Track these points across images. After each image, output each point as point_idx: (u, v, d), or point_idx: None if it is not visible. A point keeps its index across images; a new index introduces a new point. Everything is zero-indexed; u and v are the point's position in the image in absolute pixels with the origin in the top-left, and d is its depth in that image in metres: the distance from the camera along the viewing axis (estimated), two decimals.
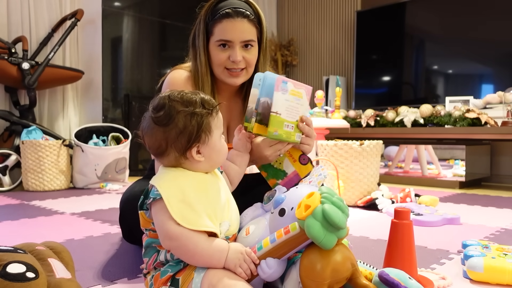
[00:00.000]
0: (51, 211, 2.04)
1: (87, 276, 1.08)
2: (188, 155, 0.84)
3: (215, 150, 0.87)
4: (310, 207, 0.74)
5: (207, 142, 0.85)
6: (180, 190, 0.81)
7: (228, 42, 1.15)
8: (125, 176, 3.09)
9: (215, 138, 0.87)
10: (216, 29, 1.16)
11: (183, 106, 0.83)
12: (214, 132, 0.86)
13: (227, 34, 1.14)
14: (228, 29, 1.14)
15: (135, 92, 3.94)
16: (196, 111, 0.83)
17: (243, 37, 1.15)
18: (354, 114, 3.58)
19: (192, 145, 0.83)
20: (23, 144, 2.73)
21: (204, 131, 0.84)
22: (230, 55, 1.15)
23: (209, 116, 0.85)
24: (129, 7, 3.96)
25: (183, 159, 0.84)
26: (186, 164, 0.85)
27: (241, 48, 1.16)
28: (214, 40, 1.17)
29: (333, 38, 4.54)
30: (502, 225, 1.73)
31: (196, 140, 0.83)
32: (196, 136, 0.83)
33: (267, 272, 0.77)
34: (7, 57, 2.74)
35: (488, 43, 3.45)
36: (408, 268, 0.92)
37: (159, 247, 0.84)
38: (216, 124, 0.87)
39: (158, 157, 0.87)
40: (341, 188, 2.15)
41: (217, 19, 1.15)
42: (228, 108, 1.31)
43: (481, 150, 3.27)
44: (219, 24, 1.15)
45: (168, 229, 0.78)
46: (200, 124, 0.83)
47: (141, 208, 0.86)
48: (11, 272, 0.74)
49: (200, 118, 0.83)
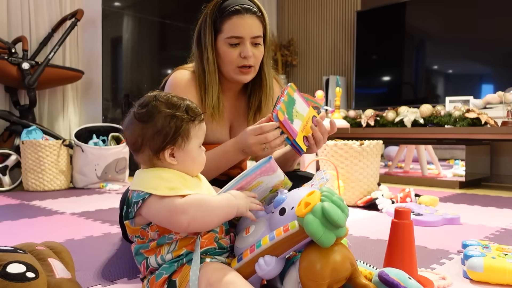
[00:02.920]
0: (51, 211, 2.04)
1: (87, 276, 1.08)
2: (161, 156, 0.84)
3: (190, 157, 0.86)
4: (309, 204, 0.74)
5: (183, 147, 0.85)
6: (161, 179, 0.81)
7: (239, 39, 1.16)
8: (125, 176, 3.09)
9: (193, 145, 0.86)
10: (225, 26, 1.16)
11: (166, 107, 0.84)
12: (193, 140, 0.86)
13: (239, 30, 1.15)
14: (239, 25, 1.15)
15: (135, 92, 3.94)
16: (177, 114, 0.84)
17: (253, 33, 1.16)
18: (354, 114, 3.58)
19: (166, 146, 0.83)
20: (23, 144, 2.73)
21: (182, 135, 0.84)
22: (241, 52, 1.16)
23: (190, 122, 0.85)
24: (129, 7, 3.96)
25: (156, 160, 0.85)
26: (158, 165, 0.86)
27: (250, 45, 1.17)
28: (223, 37, 1.17)
29: (333, 38, 4.55)
30: (502, 225, 1.73)
31: (171, 143, 0.84)
32: (172, 138, 0.83)
33: (265, 269, 0.77)
34: (7, 57, 2.74)
35: (488, 43, 3.44)
36: (408, 268, 0.92)
37: (146, 254, 0.84)
38: (196, 132, 0.87)
39: (134, 153, 0.88)
40: (341, 188, 2.15)
41: (226, 16, 1.16)
42: (233, 107, 1.31)
43: (481, 150, 3.27)
44: (228, 21, 1.15)
45: (174, 209, 0.78)
46: (178, 127, 0.84)
47: (126, 218, 0.85)
48: (11, 272, 0.74)
49: (179, 122, 0.84)
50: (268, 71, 1.27)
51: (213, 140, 1.26)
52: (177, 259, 0.81)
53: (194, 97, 1.22)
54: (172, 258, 0.81)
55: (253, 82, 1.28)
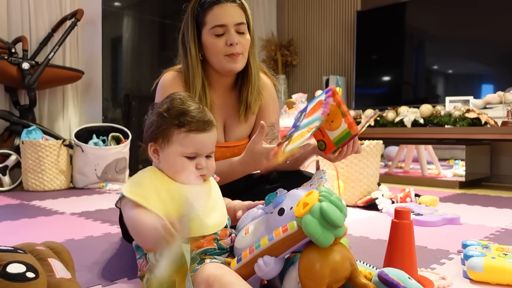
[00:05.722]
0: (51, 211, 2.04)
1: (87, 276, 1.07)
2: (147, 149, 0.90)
3: (167, 161, 0.87)
4: (308, 204, 0.75)
5: (163, 147, 0.87)
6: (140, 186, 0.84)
7: (223, 27, 1.17)
8: (125, 176, 3.09)
9: (172, 151, 0.86)
10: (208, 18, 1.18)
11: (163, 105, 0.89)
12: (174, 145, 0.86)
13: (221, 18, 1.17)
14: (221, 14, 1.17)
15: (135, 92, 3.94)
16: (165, 115, 0.86)
17: (235, 20, 1.18)
18: (354, 114, 3.58)
19: (149, 141, 0.88)
20: (23, 144, 2.73)
21: (162, 135, 0.86)
22: (227, 40, 1.17)
23: (175, 127, 0.86)
24: (129, 7, 3.96)
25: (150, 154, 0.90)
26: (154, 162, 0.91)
27: (235, 33, 1.18)
28: (207, 29, 1.19)
29: (333, 38, 4.54)
30: (502, 225, 1.73)
31: (153, 139, 0.88)
32: (153, 134, 0.87)
33: (264, 269, 0.77)
34: (7, 57, 2.74)
35: (488, 43, 3.44)
36: (408, 268, 0.92)
37: (146, 250, 0.84)
38: (180, 140, 0.86)
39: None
40: (341, 188, 2.15)
41: (207, 8, 1.18)
42: (224, 104, 1.30)
43: (481, 150, 3.27)
44: (210, 11, 1.18)
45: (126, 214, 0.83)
46: (160, 126, 0.86)
47: None
48: (11, 272, 0.74)
49: (164, 122, 0.86)
50: (253, 60, 1.27)
51: None
52: None
53: None
54: None
55: (242, 75, 1.28)
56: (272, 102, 1.36)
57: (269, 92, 1.35)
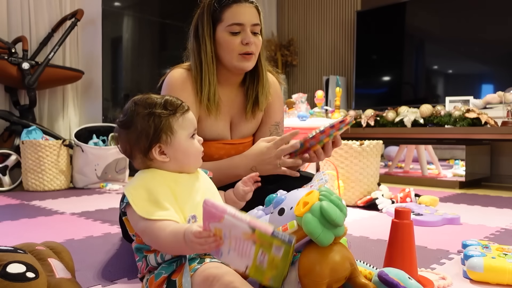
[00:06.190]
0: (51, 211, 2.04)
1: (87, 276, 1.07)
2: (151, 156, 0.85)
3: (180, 151, 0.86)
4: (308, 203, 0.75)
5: (169, 142, 0.85)
6: (145, 190, 0.81)
7: (240, 26, 1.19)
8: (125, 176, 3.09)
9: (180, 138, 0.86)
10: (226, 15, 1.19)
11: (143, 109, 0.85)
12: (178, 133, 0.86)
13: (240, 17, 1.19)
14: (240, 12, 1.19)
15: (135, 92, 3.92)
16: (154, 111, 0.85)
17: (252, 20, 1.20)
18: (354, 114, 3.58)
19: (152, 145, 0.84)
20: (23, 144, 2.73)
21: (165, 131, 0.84)
22: (243, 39, 1.19)
23: (171, 116, 0.85)
24: (129, 7, 3.97)
25: (149, 161, 0.86)
26: (154, 165, 0.86)
27: (250, 33, 1.20)
28: (224, 26, 1.20)
29: (333, 38, 4.55)
30: (502, 225, 1.73)
31: (155, 141, 0.84)
32: (155, 136, 0.84)
33: None
34: (7, 57, 2.74)
35: (488, 43, 3.45)
36: (408, 268, 0.92)
37: (145, 252, 0.84)
38: (181, 124, 0.86)
39: (130, 159, 0.89)
40: (341, 188, 2.15)
41: (225, 5, 1.19)
42: (231, 101, 1.31)
43: (481, 150, 3.27)
44: (228, 9, 1.19)
45: (140, 227, 0.80)
46: (157, 124, 0.84)
47: (124, 215, 0.87)
48: (11, 272, 0.74)
49: (158, 119, 0.84)
50: (263, 62, 1.30)
51: (214, 137, 1.26)
52: (176, 258, 0.81)
53: (190, 93, 1.22)
54: (172, 258, 0.81)
55: (251, 74, 1.30)
56: (278, 100, 1.38)
57: (275, 91, 1.38)
